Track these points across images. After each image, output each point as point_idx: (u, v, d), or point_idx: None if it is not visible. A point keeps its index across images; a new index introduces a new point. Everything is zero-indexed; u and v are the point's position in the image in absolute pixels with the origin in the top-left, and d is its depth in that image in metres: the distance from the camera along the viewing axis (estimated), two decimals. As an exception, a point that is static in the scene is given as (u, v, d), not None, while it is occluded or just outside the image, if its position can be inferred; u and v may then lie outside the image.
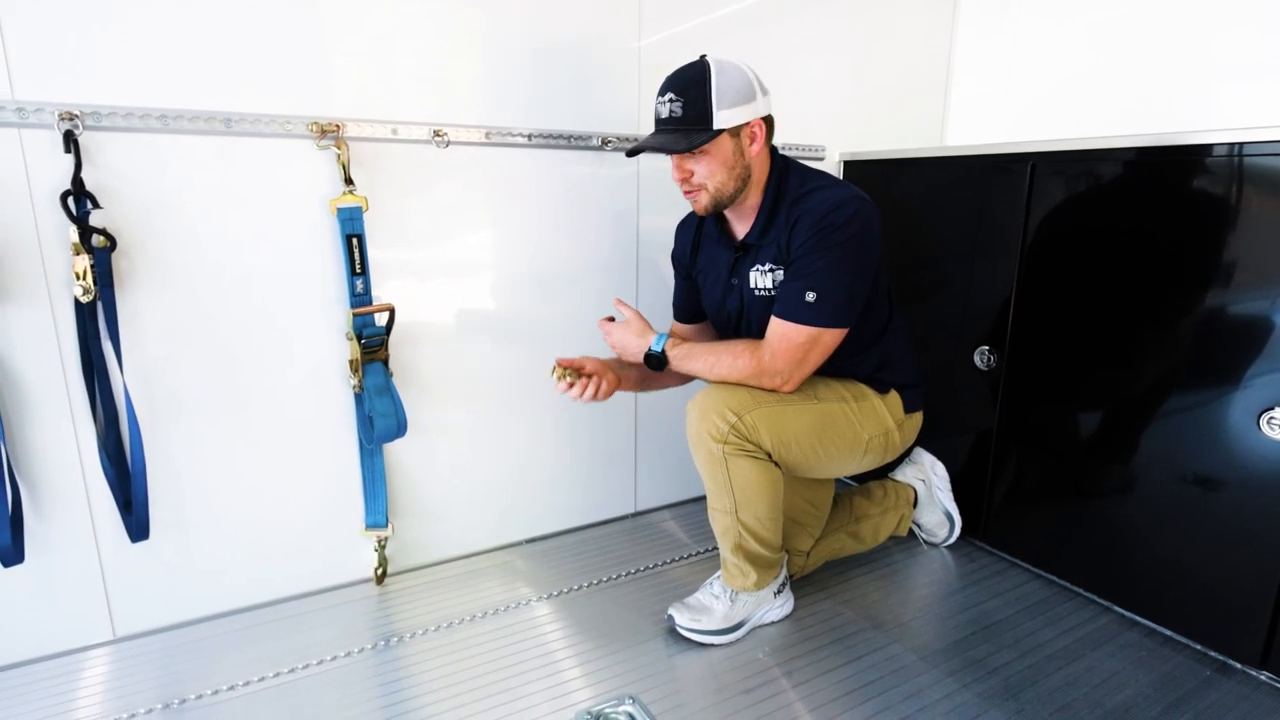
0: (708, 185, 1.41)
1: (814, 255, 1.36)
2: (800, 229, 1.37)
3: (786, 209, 1.41)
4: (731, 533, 1.46)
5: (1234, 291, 1.33)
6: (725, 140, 1.37)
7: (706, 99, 1.33)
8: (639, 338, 1.51)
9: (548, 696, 1.31)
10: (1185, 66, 1.80)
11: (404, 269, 1.58)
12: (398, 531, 1.70)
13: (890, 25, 2.18)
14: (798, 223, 1.38)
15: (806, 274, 1.36)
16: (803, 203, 1.39)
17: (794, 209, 1.39)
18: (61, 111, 1.22)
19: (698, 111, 1.34)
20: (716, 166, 1.39)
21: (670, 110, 1.37)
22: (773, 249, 1.43)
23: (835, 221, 1.34)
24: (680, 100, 1.35)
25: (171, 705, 1.28)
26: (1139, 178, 1.46)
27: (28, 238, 1.25)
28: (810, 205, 1.37)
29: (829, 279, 1.35)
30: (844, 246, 1.35)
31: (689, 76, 1.36)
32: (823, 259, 1.35)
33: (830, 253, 1.35)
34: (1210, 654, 1.44)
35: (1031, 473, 1.73)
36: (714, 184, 1.40)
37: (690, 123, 1.35)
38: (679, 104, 1.36)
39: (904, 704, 1.29)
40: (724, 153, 1.38)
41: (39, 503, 1.34)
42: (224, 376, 1.44)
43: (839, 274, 1.36)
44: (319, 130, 1.42)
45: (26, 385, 1.29)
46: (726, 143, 1.37)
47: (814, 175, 1.45)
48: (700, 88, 1.34)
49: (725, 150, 1.38)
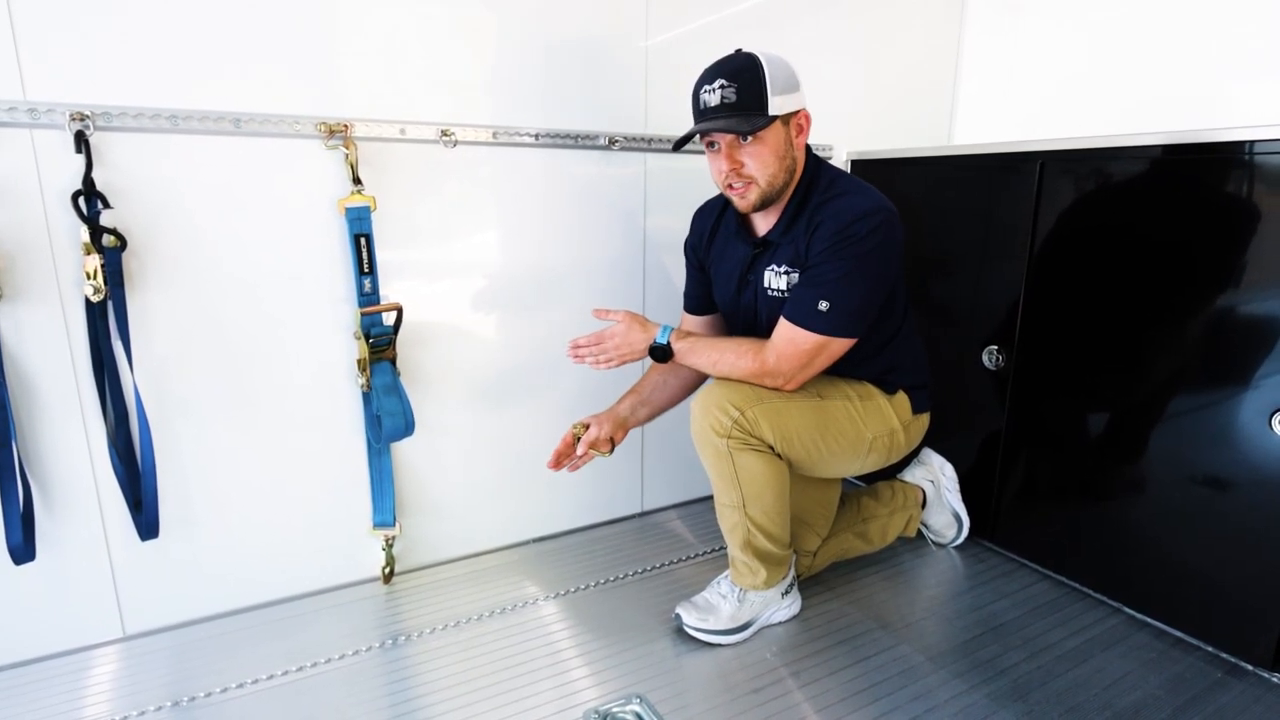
0: (759, 178, 1.37)
1: (832, 264, 1.34)
2: (821, 235, 1.35)
3: (811, 211, 1.39)
4: (740, 529, 1.46)
5: (1245, 291, 1.32)
6: (778, 128, 1.35)
7: (761, 83, 1.30)
8: (643, 332, 1.50)
9: (555, 695, 1.31)
10: (1195, 63, 1.79)
11: (412, 269, 1.59)
12: (405, 530, 1.70)
13: (898, 23, 2.17)
14: (819, 228, 1.36)
15: (822, 282, 1.35)
16: (827, 207, 1.37)
17: (818, 213, 1.37)
18: (73, 112, 1.23)
19: (753, 96, 1.31)
20: (769, 156, 1.35)
21: (723, 96, 1.32)
22: (790, 250, 1.42)
23: (858, 232, 1.32)
24: (733, 85, 1.31)
25: (181, 702, 1.29)
26: (1149, 176, 1.45)
27: (39, 237, 1.26)
28: (834, 211, 1.35)
29: (844, 289, 1.34)
30: (864, 259, 1.33)
31: (739, 63, 1.33)
32: (841, 268, 1.33)
33: (849, 263, 1.33)
34: (1222, 655, 1.43)
35: (1040, 473, 1.72)
36: (766, 176, 1.37)
37: (746, 108, 1.31)
38: (731, 89, 1.31)
39: (912, 705, 1.29)
40: (777, 141, 1.35)
41: (50, 501, 1.35)
42: (232, 375, 1.45)
43: (855, 285, 1.34)
44: (327, 130, 1.42)
45: (38, 384, 1.30)
46: (779, 130, 1.35)
47: (843, 179, 1.43)
48: (754, 73, 1.31)
49: (779, 138, 1.35)
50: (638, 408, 1.65)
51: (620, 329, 1.51)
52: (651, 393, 1.66)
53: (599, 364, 1.52)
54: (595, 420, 1.59)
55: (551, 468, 1.59)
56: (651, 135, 1.79)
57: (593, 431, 1.57)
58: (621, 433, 1.62)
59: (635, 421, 1.65)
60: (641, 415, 1.65)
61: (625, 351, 1.51)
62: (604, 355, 1.51)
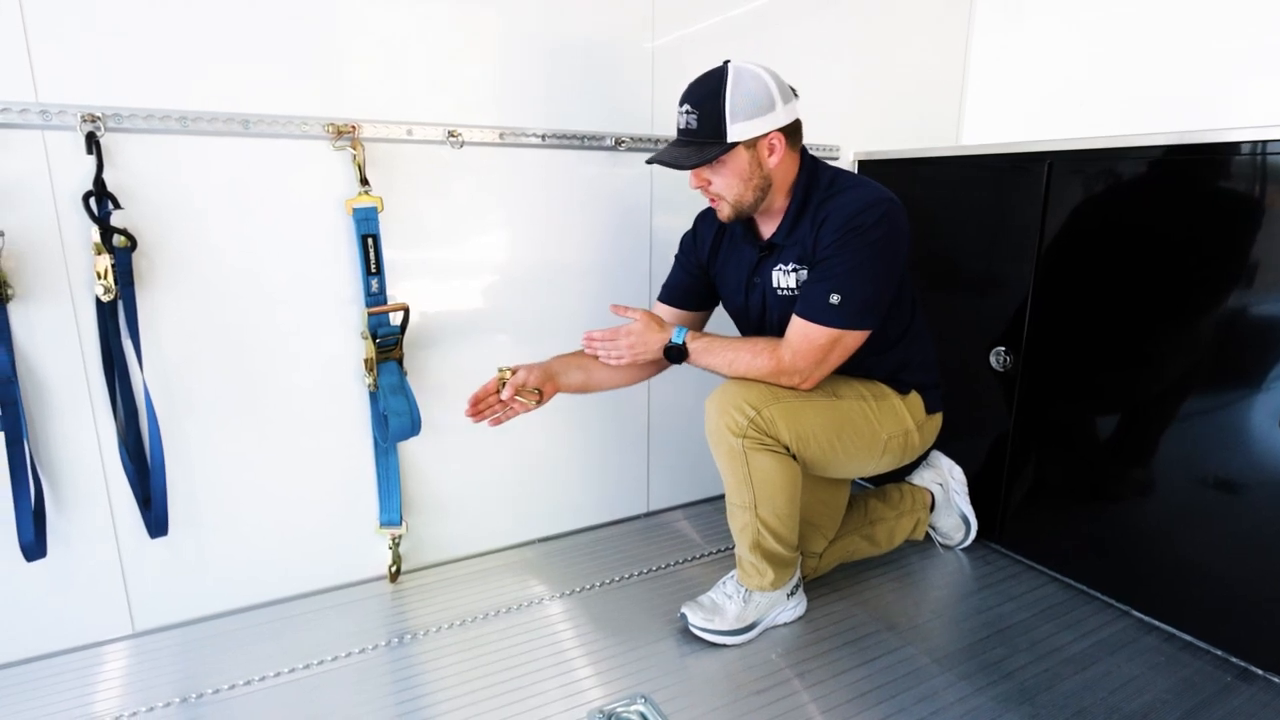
0: (725, 196, 1.40)
1: (840, 256, 1.34)
2: (827, 229, 1.36)
3: (814, 209, 1.40)
4: (750, 530, 1.46)
5: (1256, 292, 1.31)
6: (740, 153, 1.36)
7: (720, 113, 1.32)
8: (660, 332, 1.49)
9: (560, 695, 1.31)
10: (1205, 64, 1.77)
11: (419, 269, 1.60)
12: (411, 529, 1.71)
13: (905, 23, 2.16)
14: (825, 223, 1.36)
15: (832, 275, 1.35)
16: (830, 203, 1.37)
17: (821, 209, 1.38)
18: (84, 114, 1.24)
19: (711, 125, 1.34)
20: (732, 179, 1.38)
21: (686, 122, 1.37)
22: (797, 249, 1.42)
23: (864, 223, 1.33)
24: (696, 114, 1.35)
25: (189, 699, 1.30)
26: (1159, 177, 1.44)
27: (50, 238, 1.27)
28: (838, 205, 1.36)
29: (855, 281, 1.34)
30: (872, 248, 1.34)
31: (705, 89, 1.35)
32: (849, 261, 1.34)
33: (857, 254, 1.34)
34: (1231, 659, 1.41)
35: (1048, 475, 1.71)
36: (732, 195, 1.40)
37: (704, 136, 1.35)
38: (694, 117, 1.35)
39: (918, 707, 1.28)
40: (740, 165, 1.37)
41: (60, 498, 1.36)
42: (240, 374, 1.46)
43: (865, 276, 1.35)
44: (335, 131, 1.43)
45: (49, 383, 1.32)
46: (742, 155, 1.36)
47: (843, 176, 1.43)
48: (714, 101, 1.33)
49: (741, 163, 1.37)
50: (571, 370, 1.56)
51: (638, 328, 1.49)
52: (584, 363, 1.58)
53: (610, 359, 1.52)
54: (525, 368, 1.50)
55: (470, 415, 1.47)
56: (658, 136, 1.79)
57: (521, 375, 1.47)
58: (551, 386, 1.52)
59: (567, 383, 1.55)
60: (574, 380, 1.56)
61: (640, 350, 1.49)
62: (616, 351, 1.50)
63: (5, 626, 1.37)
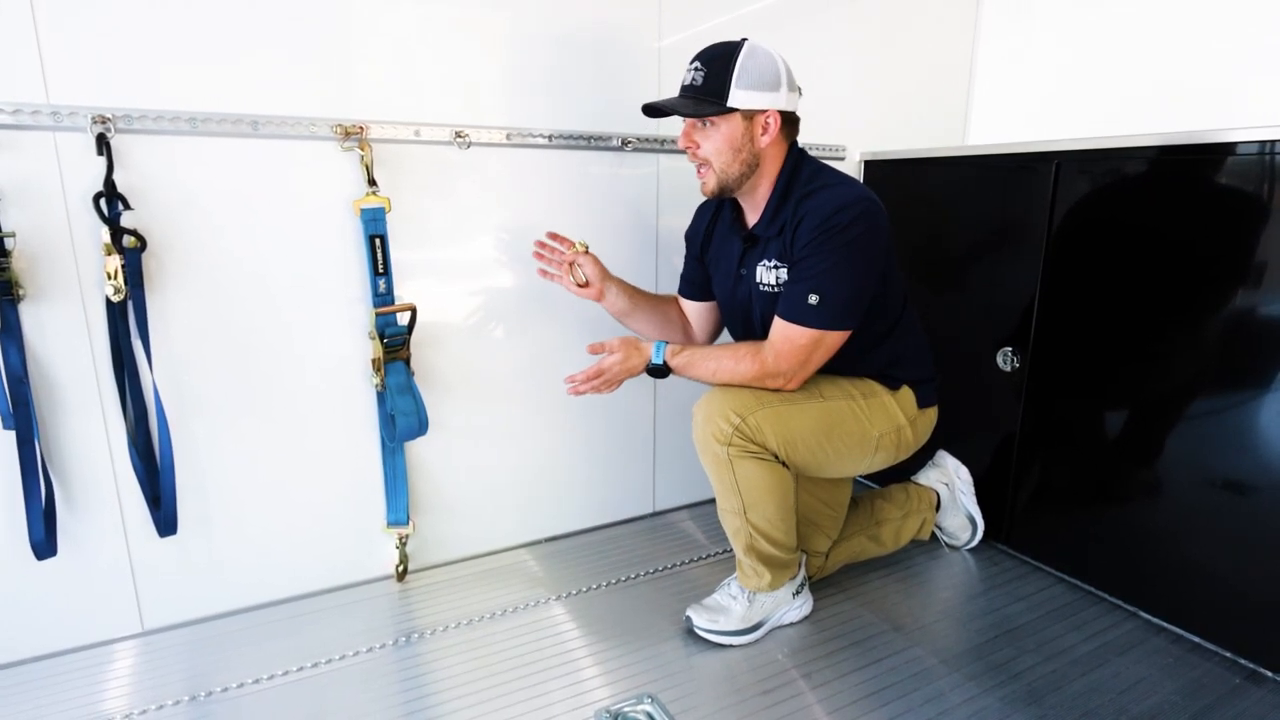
0: (713, 162, 1.41)
1: (818, 256, 1.35)
2: (804, 229, 1.36)
3: (794, 204, 1.40)
4: (742, 534, 1.46)
5: (1263, 292, 1.31)
6: (736, 120, 1.37)
7: (727, 73, 1.34)
8: (639, 356, 1.49)
9: (566, 695, 1.31)
10: (1212, 63, 1.77)
11: (426, 269, 1.60)
12: (418, 529, 1.71)
13: (912, 23, 2.16)
14: (802, 222, 1.37)
15: (810, 275, 1.35)
16: (809, 200, 1.37)
17: (800, 205, 1.38)
18: (95, 115, 1.25)
19: (716, 84, 1.35)
20: (723, 144, 1.39)
21: (692, 78, 1.39)
22: (778, 244, 1.43)
23: (840, 222, 1.33)
24: (704, 71, 1.37)
25: (198, 697, 1.31)
26: (1166, 177, 1.44)
27: (61, 238, 1.28)
28: (815, 205, 1.36)
29: (833, 281, 1.35)
30: (848, 248, 1.34)
31: (718, 51, 1.37)
32: (827, 260, 1.34)
33: (834, 254, 1.34)
34: (1240, 661, 1.41)
35: (1056, 476, 1.71)
36: (720, 162, 1.40)
37: (706, 93, 1.36)
38: (701, 73, 1.37)
39: (924, 707, 1.28)
40: (733, 132, 1.38)
41: (70, 498, 1.37)
42: (249, 374, 1.47)
43: (843, 276, 1.35)
44: (343, 132, 1.44)
45: (59, 383, 1.32)
46: (737, 123, 1.37)
47: (825, 173, 1.44)
48: (724, 61, 1.35)
49: (735, 130, 1.38)
50: (623, 295, 1.64)
51: (617, 356, 1.48)
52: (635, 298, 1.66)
53: (599, 391, 1.52)
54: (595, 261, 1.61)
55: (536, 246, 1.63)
56: (664, 136, 1.79)
57: (590, 267, 1.60)
58: (599, 289, 1.62)
59: (614, 298, 1.63)
60: (618, 305, 1.64)
61: (623, 375, 1.50)
62: (603, 382, 1.50)
63: (16, 624, 1.38)
